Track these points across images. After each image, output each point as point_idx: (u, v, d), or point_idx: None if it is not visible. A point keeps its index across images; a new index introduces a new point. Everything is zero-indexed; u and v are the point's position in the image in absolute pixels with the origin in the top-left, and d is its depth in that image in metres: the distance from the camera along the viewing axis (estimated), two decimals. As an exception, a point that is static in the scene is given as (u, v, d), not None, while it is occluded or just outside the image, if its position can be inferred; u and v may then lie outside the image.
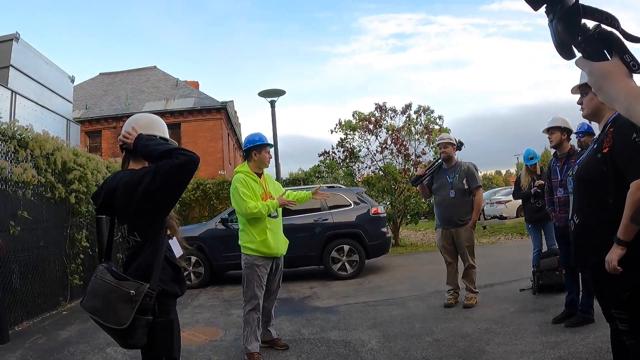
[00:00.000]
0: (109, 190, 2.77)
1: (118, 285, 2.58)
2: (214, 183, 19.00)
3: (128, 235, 2.73)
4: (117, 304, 2.54)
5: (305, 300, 8.61)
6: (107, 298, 2.57)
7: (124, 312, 2.53)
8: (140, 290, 2.55)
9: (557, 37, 1.25)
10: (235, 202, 5.27)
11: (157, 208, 2.68)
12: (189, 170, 2.60)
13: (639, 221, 2.62)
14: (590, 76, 1.25)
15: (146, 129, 2.95)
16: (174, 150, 2.58)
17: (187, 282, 3.01)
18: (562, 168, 6.03)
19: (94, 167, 9.81)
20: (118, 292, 2.56)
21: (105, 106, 28.85)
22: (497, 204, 25.07)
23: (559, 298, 6.55)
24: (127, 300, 2.54)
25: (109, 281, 2.61)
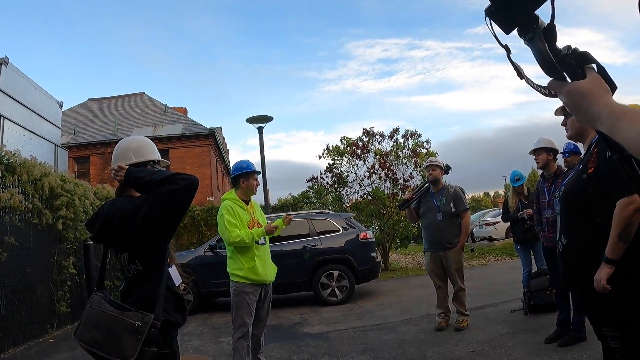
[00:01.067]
0: (106, 218, 2.71)
1: (122, 316, 2.49)
2: (202, 210, 18.90)
3: (129, 264, 2.65)
4: (122, 336, 2.45)
5: (295, 327, 8.54)
6: (110, 330, 2.48)
7: (130, 344, 2.44)
8: (145, 321, 2.48)
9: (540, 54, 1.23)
10: (220, 231, 5.26)
11: (158, 235, 2.64)
12: (190, 195, 2.56)
13: (626, 239, 2.64)
14: (568, 97, 1.22)
15: (137, 154, 2.92)
16: (172, 177, 2.55)
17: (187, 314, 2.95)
18: (549, 188, 6.06)
19: (82, 194, 9.75)
20: (122, 323, 2.47)
21: (93, 132, 28.78)
22: (486, 225, 25.10)
23: (550, 318, 6.54)
24: (133, 331, 2.45)
25: (110, 312, 2.53)
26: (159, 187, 2.54)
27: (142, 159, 2.91)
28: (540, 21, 1.22)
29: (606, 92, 1.18)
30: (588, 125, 1.22)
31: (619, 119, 1.09)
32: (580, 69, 1.22)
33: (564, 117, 3.16)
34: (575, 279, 2.98)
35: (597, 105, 1.15)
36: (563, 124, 3.17)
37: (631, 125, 1.05)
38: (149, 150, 2.99)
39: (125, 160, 2.88)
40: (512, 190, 8.11)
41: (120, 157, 2.92)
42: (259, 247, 5.24)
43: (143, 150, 2.97)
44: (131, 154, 2.92)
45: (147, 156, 2.94)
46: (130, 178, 2.69)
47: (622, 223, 2.64)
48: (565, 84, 1.22)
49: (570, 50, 1.24)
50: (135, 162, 2.88)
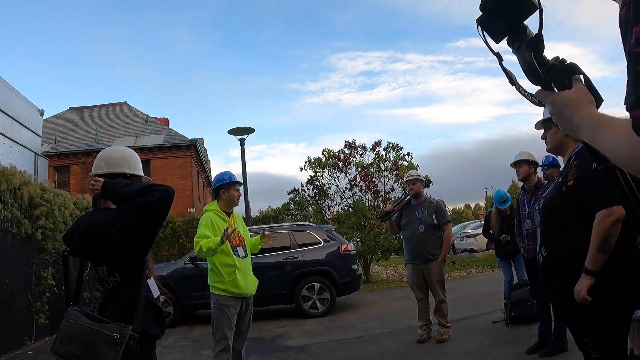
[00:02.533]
0: (84, 231, 2.69)
1: (100, 329, 2.47)
2: (183, 221, 18.78)
3: (107, 276, 2.65)
4: (100, 349, 2.42)
5: (276, 340, 8.49)
6: (88, 343, 2.45)
7: (108, 356, 2.41)
8: (124, 332, 2.45)
9: (525, 62, 1.26)
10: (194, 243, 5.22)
11: (136, 247, 2.63)
12: (166, 206, 2.57)
13: (605, 251, 2.66)
14: (553, 106, 1.24)
15: (115, 165, 2.89)
16: (148, 188, 2.54)
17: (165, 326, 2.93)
18: (529, 200, 6.13)
19: (62, 203, 9.64)
20: (100, 335, 2.44)
21: (74, 141, 28.46)
22: (467, 237, 25.23)
23: (531, 329, 6.57)
24: (112, 343, 2.42)
25: (87, 324, 2.50)
26: (134, 198, 2.53)
27: (113, 170, 2.88)
28: (528, 31, 1.27)
29: (590, 102, 1.20)
30: (571, 135, 1.24)
31: (599, 128, 1.11)
32: (567, 80, 1.25)
33: (543, 130, 3.19)
34: (556, 290, 3.00)
35: (579, 115, 1.17)
36: (543, 137, 3.19)
37: (610, 134, 1.07)
38: (129, 163, 2.96)
39: (97, 170, 2.89)
40: (495, 210, 8.05)
41: (95, 167, 2.93)
42: (240, 259, 5.20)
43: (123, 162, 2.95)
44: (102, 164, 2.92)
45: (124, 170, 2.91)
46: (106, 190, 2.67)
47: (601, 234, 2.67)
48: (551, 94, 1.25)
49: (557, 61, 1.27)
50: (106, 173, 2.85)
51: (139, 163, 3.05)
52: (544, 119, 3.15)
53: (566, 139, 3.05)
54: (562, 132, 3.02)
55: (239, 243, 5.27)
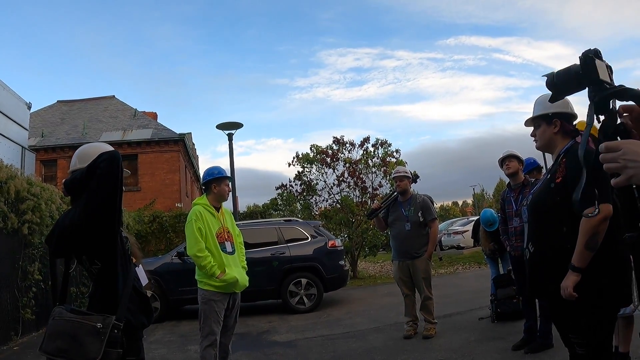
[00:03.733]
0: (63, 229, 2.69)
1: (83, 320, 2.49)
2: (171, 216, 18.70)
3: (90, 266, 2.66)
4: (85, 340, 2.44)
5: (263, 335, 8.49)
6: (74, 336, 2.46)
7: (93, 346, 2.42)
8: (107, 322, 2.47)
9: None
10: (187, 236, 5.18)
11: (102, 225, 2.60)
12: (115, 170, 2.57)
13: (593, 248, 2.68)
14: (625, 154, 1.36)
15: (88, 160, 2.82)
16: (94, 165, 2.57)
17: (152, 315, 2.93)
18: (516, 198, 6.16)
19: (48, 198, 9.55)
20: (84, 327, 2.46)
21: (62, 135, 28.24)
22: (454, 234, 25.35)
23: (517, 325, 6.61)
24: (95, 333, 2.44)
25: (71, 318, 2.52)
26: (88, 182, 2.56)
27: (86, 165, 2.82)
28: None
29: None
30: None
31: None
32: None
33: (533, 128, 3.21)
34: (543, 286, 3.01)
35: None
36: (532, 135, 3.21)
37: None
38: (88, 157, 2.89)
39: (72, 166, 2.94)
40: (482, 231, 8.06)
41: (71, 165, 2.99)
42: (227, 255, 5.18)
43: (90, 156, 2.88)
44: (76, 161, 2.95)
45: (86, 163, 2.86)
46: (67, 187, 2.74)
47: (589, 232, 2.69)
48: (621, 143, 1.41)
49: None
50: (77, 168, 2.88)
51: None
52: (533, 116, 3.17)
53: (555, 136, 3.07)
54: (551, 130, 3.06)
55: (227, 238, 5.24)
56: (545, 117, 3.10)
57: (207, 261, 4.98)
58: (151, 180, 26.35)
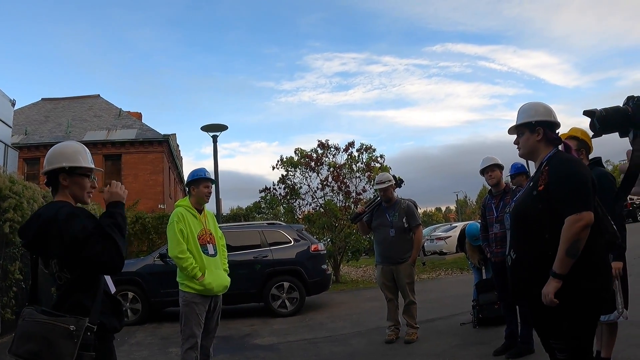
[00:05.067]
0: (45, 222, 2.63)
1: (56, 322, 2.44)
2: (154, 217, 18.55)
3: (60, 271, 2.62)
4: (58, 342, 2.40)
5: (245, 338, 8.46)
6: (46, 338, 2.41)
7: (66, 349, 2.40)
8: (80, 324, 2.44)
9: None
10: (169, 238, 5.15)
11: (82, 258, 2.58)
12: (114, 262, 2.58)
13: (574, 255, 2.71)
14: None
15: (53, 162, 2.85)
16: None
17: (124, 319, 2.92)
18: (497, 205, 6.20)
19: (31, 196, 9.43)
20: (57, 329, 2.42)
21: (45, 133, 28.06)
22: (437, 240, 25.40)
23: (499, 330, 6.65)
24: (68, 336, 2.41)
25: (43, 320, 2.47)
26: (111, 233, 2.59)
27: (52, 167, 2.84)
28: None
29: None
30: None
31: None
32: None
33: (516, 135, 3.23)
34: (524, 292, 3.03)
35: None
36: (515, 142, 3.24)
37: None
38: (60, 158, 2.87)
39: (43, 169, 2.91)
40: (469, 246, 8.05)
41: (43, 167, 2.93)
42: (209, 258, 5.16)
43: (55, 158, 2.88)
44: (45, 164, 2.91)
45: (57, 164, 2.85)
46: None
47: (570, 239, 2.71)
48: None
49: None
50: (47, 170, 2.85)
51: (82, 155, 2.94)
52: (517, 124, 3.19)
53: (538, 144, 3.10)
54: (534, 138, 3.09)
55: (209, 241, 5.21)
56: (529, 125, 3.12)
57: (189, 263, 4.95)
58: (134, 181, 26.22)
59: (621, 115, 2.16)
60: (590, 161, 4.62)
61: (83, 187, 2.88)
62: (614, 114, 2.17)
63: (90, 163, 2.95)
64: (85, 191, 2.89)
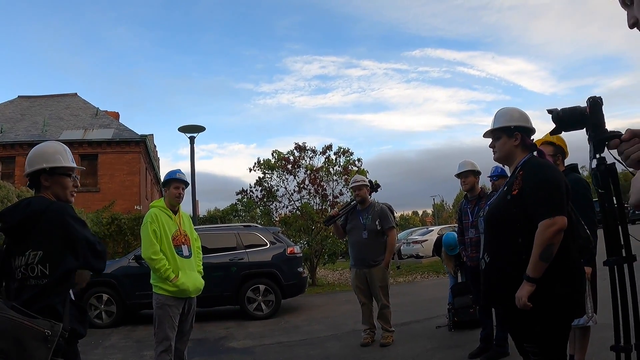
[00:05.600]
0: (34, 212, 2.66)
1: (31, 324, 2.39)
2: (129, 218, 18.38)
3: (36, 263, 2.59)
4: (30, 345, 2.35)
5: (220, 341, 8.41)
6: (18, 338, 2.35)
7: (39, 352, 2.36)
8: (55, 329, 2.41)
9: None
10: (142, 238, 5.10)
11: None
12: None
13: (547, 259, 2.73)
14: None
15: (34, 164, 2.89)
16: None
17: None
18: (473, 209, 6.24)
19: (4, 196, 9.31)
20: (31, 331, 2.37)
21: (21, 131, 27.66)
22: (414, 243, 25.55)
23: (474, 334, 6.67)
24: (43, 340, 2.37)
25: (15, 318, 2.39)
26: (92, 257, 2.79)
27: (33, 169, 2.87)
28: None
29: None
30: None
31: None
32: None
33: (492, 139, 3.25)
34: (498, 296, 3.05)
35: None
36: (491, 146, 3.26)
37: None
38: (40, 159, 2.91)
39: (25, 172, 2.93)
40: (445, 255, 8.03)
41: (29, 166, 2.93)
42: (183, 259, 5.12)
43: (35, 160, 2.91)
44: (26, 166, 2.93)
45: (37, 165, 2.88)
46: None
47: (543, 243, 2.74)
48: None
49: None
50: (29, 172, 2.88)
51: (62, 154, 2.97)
52: (493, 128, 3.21)
53: (515, 149, 3.12)
54: (511, 143, 3.11)
55: (183, 242, 5.18)
56: (507, 129, 3.14)
57: (162, 264, 4.92)
58: (110, 181, 25.99)
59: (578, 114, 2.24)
60: (567, 167, 4.68)
61: (65, 187, 2.91)
62: (570, 114, 2.25)
63: (70, 162, 2.98)
64: (67, 190, 2.93)
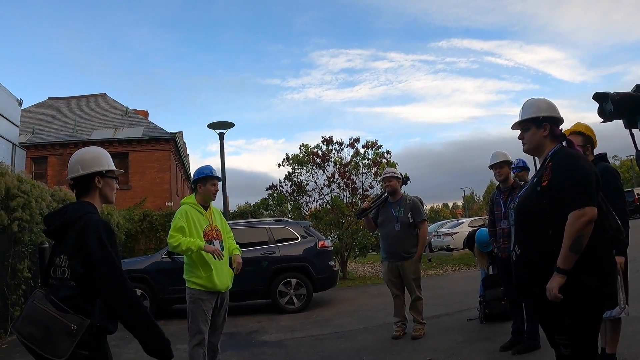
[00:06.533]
0: (69, 220, 2.77)
1: (61, 318, 2.56)
2: (161, 215, 18.62)
3: (67, 267, 2.72)
4: (57, 336, 2.53)
5: (252, 335, 8.49)
6: (48, 329, 2.55)
7: (63, 344, 2.52)
8: (82, 325, 2.56)
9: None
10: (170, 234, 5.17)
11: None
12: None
13: (578, 250, 2.71)
14: None
15: (91, 166, 2.99)
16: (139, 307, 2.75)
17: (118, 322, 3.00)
18: (505, 200, 6.19)
19: (39, 195, 9.47)
20: (60, 324, 2.54)
21: (52, 132, 28.11)
22: (444, 236, 25.41)
23: (505, 326, 6.65)
24: (68, 333, 2.53)
25: (50, 311, 2.58)
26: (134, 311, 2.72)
27: (89, 171, 2.97)
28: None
29: None
30: None
31: None
32: None
33: (520, 131, 3.24)
34: (529, 288, 3.04)
35: None
36: (520, 138, 3.25)
37: None
38: (93, 162, 3.03)
39: (74, 173, 2.99)
40: (478, 252, 7.93)
41: (71, 170, 3.02)
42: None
43: (87, 163, 3.01)
44: (78, 167, 3.00)
45: (93, 168, 3.00)
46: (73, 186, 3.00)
47: (573, 235, 2.72)
48: None
49: None
50: (83, 174, 2.97)
51: (110, 159, 3.15)
52: (521, 119, 3.20)
53: (544, 140, 3.10)
54: (540, 134, 3.09)
55: (215, 237, 5.23)
56: (536, 120, 3.13)
57: (179, 241, 4.96)
58: (141, 179, 26.29)
59: (634, 100, 2.14)
60: (596, 156, 4.63)
61: (112, 188, 3.10)
62: (627, 99, 2.15)
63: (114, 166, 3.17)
64: (113, 191, 3.11)
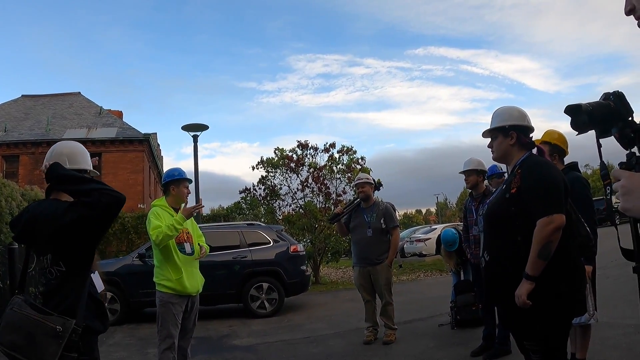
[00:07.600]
0: (30, 218, 2.70)
1: (43, 320, 2.47)
2: (133, 217, 18.40)
3: (51, 265, 2.63)
4: (42, 341, 2.43)
5: (223, 339, 8.45)
6: (31, 334, 2.46)
7: (50, 348, 2.43)
8: (67, 326, 2.47)
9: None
10: (148, 230, 5.10)
11: (83, 241, 2.64)
12: (114, 211, 2.65)
13: (545, 257, 2.74)
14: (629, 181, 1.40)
15: (71, 161, 2.92)
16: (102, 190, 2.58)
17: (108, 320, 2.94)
18: (477, 207, 6.25)
19: (9, 194, 9.29)
20: (43, 327, 2.45)
21: (25, 130, 27.68)
22: (417, 242, 25.52)
23: (476, 332, 6.68)
24: (54, 336, 2.44)
25: (31, 315, 2.50)
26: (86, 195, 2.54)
27: (75, 167, 2.90)
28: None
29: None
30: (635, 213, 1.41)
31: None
32: None
33: (490, 139, 3.27)
34: (497, 294, 3.07)
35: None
36: (489, 146, 3.28)
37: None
38: (81, 159, 2.99)
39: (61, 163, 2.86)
40: (444, 252, 8.00)
41: (55, 158, 2.89)
42: (186, 257, 5.14)
43: (77, 158, 2.97)
44: (65, 159, 2.90)
45: (80, 164, 2.95)
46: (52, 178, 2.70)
47: (542, 241, 2.75)
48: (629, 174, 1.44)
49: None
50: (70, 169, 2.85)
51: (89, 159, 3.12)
52: (491, 127, 3.23)
53: (512, 148, 3.14)
54: (507, 142, 3.13)
55: (186, 239, 5.19)
56: (502, 129, 3.17)
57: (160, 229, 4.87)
58: (114, 180, 25.97)
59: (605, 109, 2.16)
60: (566, 165, 4.69)
61: None
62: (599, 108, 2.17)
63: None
64: None
